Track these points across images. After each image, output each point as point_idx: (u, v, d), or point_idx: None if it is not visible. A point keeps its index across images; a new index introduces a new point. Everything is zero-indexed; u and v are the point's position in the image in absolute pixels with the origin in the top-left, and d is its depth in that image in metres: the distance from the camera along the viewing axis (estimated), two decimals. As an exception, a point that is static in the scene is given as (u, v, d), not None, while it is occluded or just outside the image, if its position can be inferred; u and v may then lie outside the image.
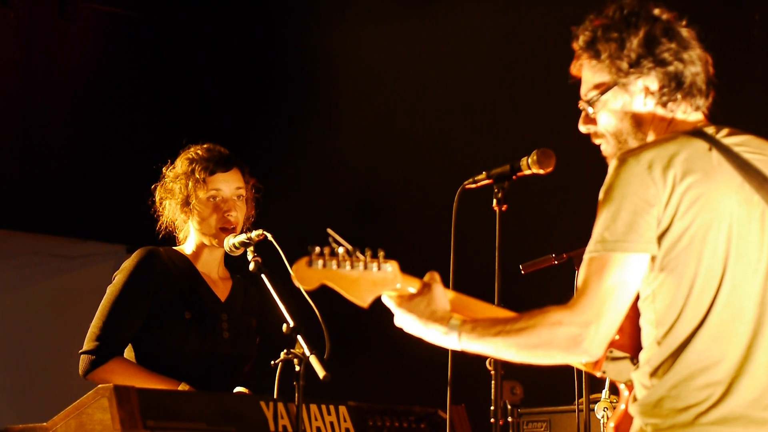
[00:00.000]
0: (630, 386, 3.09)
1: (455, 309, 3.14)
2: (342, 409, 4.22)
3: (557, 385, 4.74)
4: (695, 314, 2.88)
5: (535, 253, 4.53)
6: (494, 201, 3.57)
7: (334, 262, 3.07)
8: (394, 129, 7.62)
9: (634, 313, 3.00)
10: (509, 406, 3.64)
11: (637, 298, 2.97)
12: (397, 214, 7.42)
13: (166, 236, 4.61)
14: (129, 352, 4.44)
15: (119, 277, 4.44)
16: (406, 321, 3.14)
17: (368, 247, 3.13)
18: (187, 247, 4.59)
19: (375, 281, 3.11)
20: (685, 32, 3.11)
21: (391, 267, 3.14)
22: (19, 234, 8.42)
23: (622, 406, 3.16)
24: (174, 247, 4.60)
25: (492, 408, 3.43)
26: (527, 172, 3.57)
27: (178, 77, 8.58)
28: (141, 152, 7.82)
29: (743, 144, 3.02)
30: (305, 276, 3.05)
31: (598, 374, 3.23)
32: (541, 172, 3.55)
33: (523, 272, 4.46)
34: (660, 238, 2.87)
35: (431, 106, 7.54)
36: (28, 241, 8.58)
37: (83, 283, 8.46)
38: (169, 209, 4.54)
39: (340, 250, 3.08)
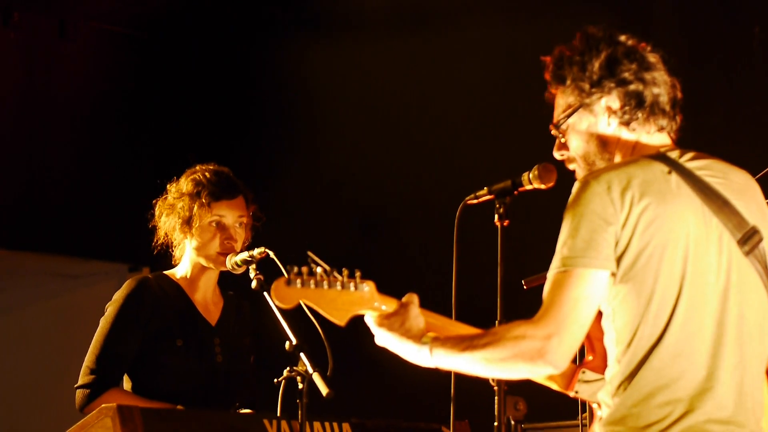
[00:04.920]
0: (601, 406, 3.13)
1: (433, 330, 3.18)
2: (345, 426, 4.22)
3: (561, 400, 4.72)
4: (653, 332, 2.94)
5: (537, 267, 4.52)
6: (496, 216, 3.57)
7: (312, 282, 3.13)
8: (396, 145, 7.62)
9: (603, 335, 3.06)
10: (513, 422, 3.65)
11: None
12: (400, 230, 7.41)
13: (162, 252, 4.60)
14: (126, 383, 4.44)
15: (111, 309, 4.44)
16: (384, 339, 3.22)
17: (366, 263, 3.19)
18: (180, 269, 4.59)
19: (352, 300, 3.18)
20: (651, 57, 3.19)
21: (368, 287, 3.20)
22: (22, 254, 8.42)
23: (596, 428, 3.19)
24: (165, 272, 4.60)
25: (495, 424, 3.43)
26: (529, 187, 3.58)
27: (180, 96, 8.59)
28: (143, 171, 7.84)
29: (706, 168, 3.09)
30: (284, 295, 3.11)
31: (572, 394, 3.31)
32: (543, 186, 3.56)
33: (525, 287, 4.46)
34: (619, 257, 2.94)
35: (432, 122, 7.54)
36: (30, 260, 8.58)
37: (86, 302, 8.46)
38: (167, 225, 4.54)
39: (318, 269, 3.14)
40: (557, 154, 3.29)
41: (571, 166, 3.28)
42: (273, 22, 8.27)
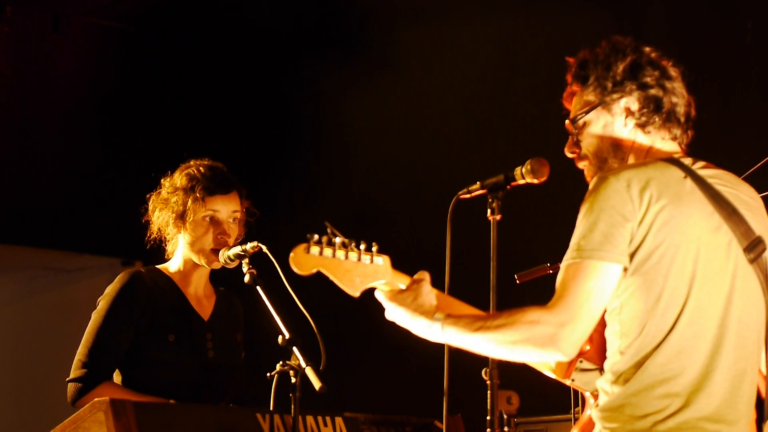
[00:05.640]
0: (596, 395, 3.22)
1: (440, 307, 3.27)
2: (338, 420, 4.22)
3: (553, 395, 4.74)
4: (659, 328, 3.03)
5: (531, 262, 4.54)
6: (489, 211, 3.58)
7: (330, 251, 3.25)
8: (389, 140, 7.62)
9: (602, 327, 3.13)
10: (506, 416, 3.67)
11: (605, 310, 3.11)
12: (393, 225, 7.42)
13: (155, 246, 4.60)
14: (117, 376, 4.44)
15: (103, 303, 4.43)
16: (395, 313, 3.29)
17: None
18: (173, 263, 4.58)
19: (367, 273, 3.29)
20: (672, 71, 3.30)
21: (383, 261, 3.33)
22: (15, 248, 8.42)
23: (588, 412, 3.30)
24: (158, 266, 4.59)
25: (488, 418, 3.43)
26: (521, 181, 3.58)
27: (173, 90, 8.59)
28: (136, 165, 7.84)
29: (716, 177, 3.20)
30: (302, 261, 3.22)
31: (568, 382, 3.39)
32: (535, 181, 3.57)
33: (518, 281, 4.47)
34: (632, 253, 3.03)
35: (425, 117, 7.54)
36: (23, 255, 8.58)
37: (79, 296, 8.47)
38: (161, 219, 4.53)
39: (337, 240, 3.26)
40: (568, 152, 3.38)
41: (581, 165, 3.37)
42: (263, 17, 8.27)
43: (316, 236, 3.24)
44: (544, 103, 3.41)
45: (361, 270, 3.29)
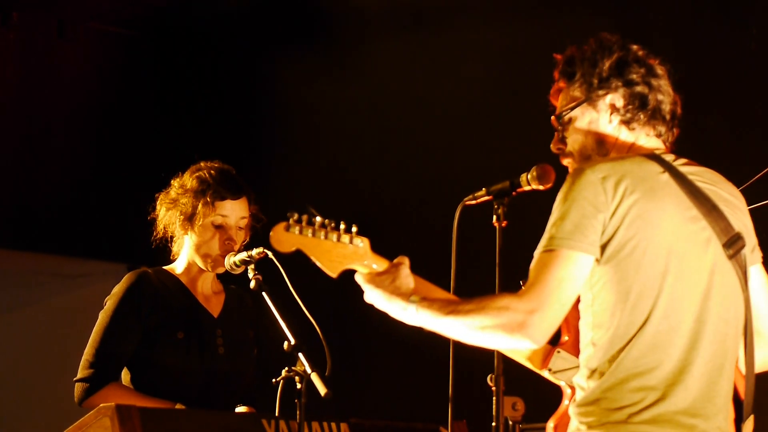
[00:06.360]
0: (573, 386, 3.24)
1: (418, 291, 3.28)
2: (344, 426, 4.22)
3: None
4: (631, 321, 3.04)
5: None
6: (494, 217, 3.59)
7: (310, 231, 3.28)
8: (394, 146, 7.63)
9: (577, 320, 3.16)
10: (511, 422, 3.68)
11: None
12: (398, 231, 7.42)
13: (161, 246, 4.60)
14: (125, 376, 4.44)
15: (110, 303, 4.44)
16: (373, 296, 3.31)
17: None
18: (179, 265, 4.58)
19: (346, 254, 3.33)
20: (658, 68, 3.31)
21: (363, 243, 3.37)
22: (20, 253, 8.42)
23: (566, 403, 3.35)
24: (165, 267, 4.60)
25: (494, 424, 3.44)
26: (527, 188, 3.60)
27: (178, 95, 8.59)
28: (141, 170, 7.84)
29: (696, 174, 3.21)
30: (282, 239, 3.26)
31: (545, 374, 3.44)
32: (541, 187, 3.59)
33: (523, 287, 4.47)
34: (604, 245, 3.04)
35: (430, 123, 7.54)
36: (28, 260, 8.58)
37: (84, 302, 8.44)
38: (168, 219, 4.54)
39: (317, 219, 3.29)
40: (554, 148, 3.39)
41: (565, 162, 3.38)
42: (272, 23, 8.28)
43: (296, 215, 3.27)
44: (550, 108, 3.41)
45: (340, 251, 3.32)
